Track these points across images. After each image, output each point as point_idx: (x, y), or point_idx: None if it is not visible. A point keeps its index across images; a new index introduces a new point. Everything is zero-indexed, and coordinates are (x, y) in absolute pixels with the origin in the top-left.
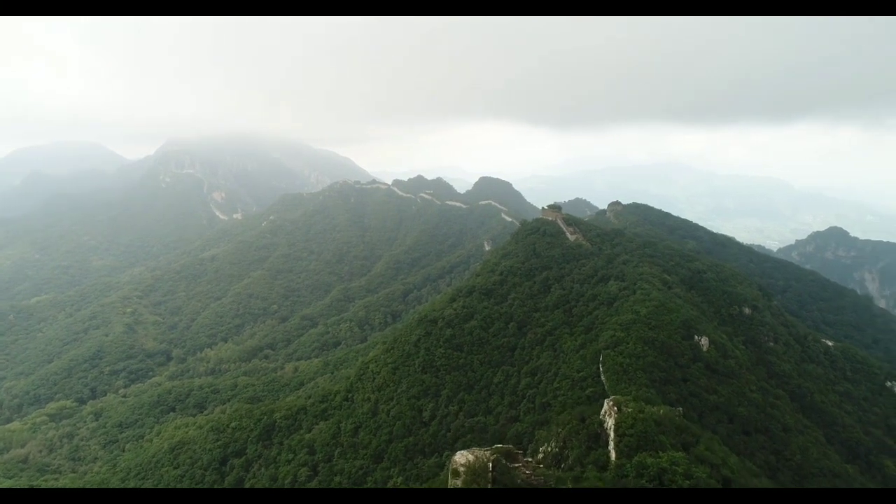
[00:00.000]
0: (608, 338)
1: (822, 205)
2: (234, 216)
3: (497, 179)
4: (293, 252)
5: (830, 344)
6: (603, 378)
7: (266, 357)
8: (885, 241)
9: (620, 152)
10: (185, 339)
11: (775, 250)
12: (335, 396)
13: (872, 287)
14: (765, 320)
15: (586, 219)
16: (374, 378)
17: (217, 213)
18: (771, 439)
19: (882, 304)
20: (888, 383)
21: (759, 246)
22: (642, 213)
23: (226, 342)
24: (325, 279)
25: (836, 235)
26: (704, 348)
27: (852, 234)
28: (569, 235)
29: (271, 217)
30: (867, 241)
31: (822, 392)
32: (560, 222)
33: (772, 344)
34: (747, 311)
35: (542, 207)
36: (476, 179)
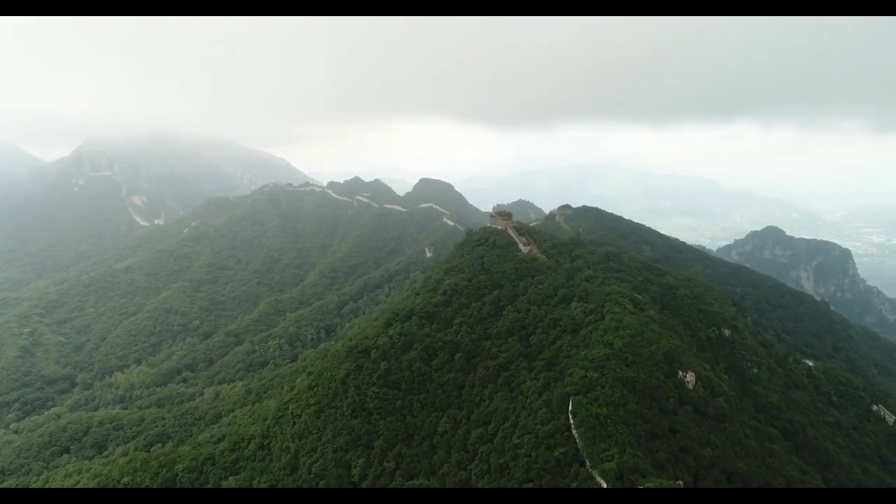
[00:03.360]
0: (578, 379)
1: (750, 204)
2: (156, 222)
3: (438, 181)
4: (218, 261)
5: (811, 364)
6: (575, 433)
7: (185, 380)
8: (817, 239)
9: (559, 152)
10: (92, 362)
11: (715, 249)
12: (249, 443)
13: (808, 285)
14: (746, 343)
15: (532, 223)
16: (295, 422)
17: (137, 219)
18: None
19: None
20: (874, 407)
21: (699, 246)
22: (594, 217)
23: (139, 364)
24: (253, 290)
25: (773, 235)
26: (690, 386)
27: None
28: (521, 247)
29: (193, 223)
30: (801, 240)
31: (813, 425)
32: (511, 231)
33: (755, 370)
34: (727, 332)
35: (491, 214)
36: (416, 181)
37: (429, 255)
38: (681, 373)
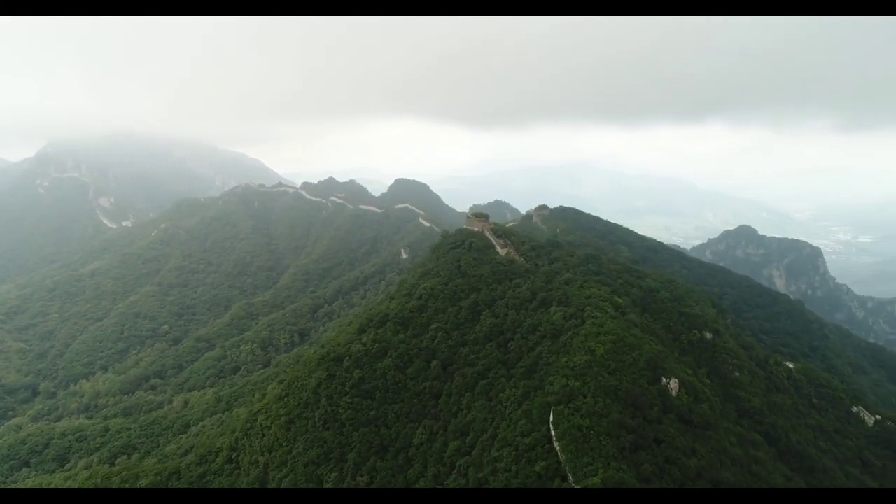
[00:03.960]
0: (559, 388)
1: (721, 203)
2: (124, 224)
3: (413, 181)
4: (188, 264)
5: (791, 366)
6: (557, 446)
7: (153, 388)
8: (788, 238)
9: (534, 152)
10: (56, 370)
11: (689, 248)
12: (216, 457)
13: (780, 284)
14: (727, 346)
15: (509, 224)
16: (264, 434)
17: (104, 221)
18: None
19: None
20: (854, 409)
21: (674, 245)
22: (571, 217)
23: (105, 371)
24: (224, 294)
25: (745, 233)
26: (674, 392)
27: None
28: (498, 249)
29: (163, 225)
30: (773, 239)
31: (796, 429)
32: (488, 233)
33: (737, 374)
34: (708, 336)
35: (468, 215)
36: (391, 181)
37: (405, 256)
38: (664, 379)
